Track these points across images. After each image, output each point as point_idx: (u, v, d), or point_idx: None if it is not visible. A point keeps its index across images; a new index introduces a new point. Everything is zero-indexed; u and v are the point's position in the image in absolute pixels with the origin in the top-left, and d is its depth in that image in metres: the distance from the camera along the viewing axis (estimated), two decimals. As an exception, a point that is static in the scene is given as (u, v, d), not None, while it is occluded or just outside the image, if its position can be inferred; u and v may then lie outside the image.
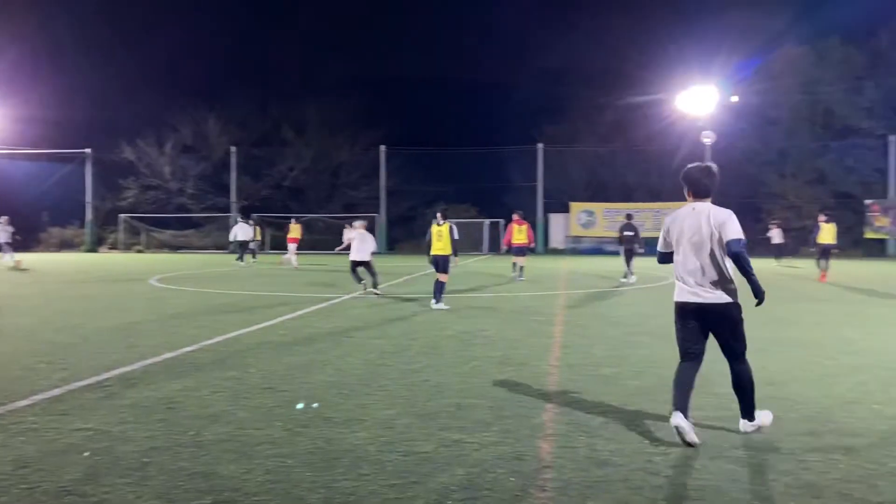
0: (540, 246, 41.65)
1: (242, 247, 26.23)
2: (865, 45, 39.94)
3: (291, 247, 25.18)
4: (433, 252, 12.09)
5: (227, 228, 44.67)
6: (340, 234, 25.97)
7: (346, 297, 13.69)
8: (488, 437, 4.56)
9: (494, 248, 42.76)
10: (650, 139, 43.13)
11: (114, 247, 43.75)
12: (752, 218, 42.00)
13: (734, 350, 4.57)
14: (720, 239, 4.43)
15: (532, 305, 12.30)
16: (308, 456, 4.18)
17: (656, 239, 4.93)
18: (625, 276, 17.40)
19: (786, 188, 39.85)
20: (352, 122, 48.16)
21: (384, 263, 29.11)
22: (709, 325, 4.56)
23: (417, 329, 9.37)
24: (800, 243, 40.02)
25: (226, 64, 62.43)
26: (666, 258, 4.78)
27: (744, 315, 4.54)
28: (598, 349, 7.82)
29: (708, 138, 37.37)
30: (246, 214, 31.30)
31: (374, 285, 13.69)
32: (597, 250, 41.78)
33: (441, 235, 12.01)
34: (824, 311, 11.55)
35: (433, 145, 45.29)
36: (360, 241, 13.72)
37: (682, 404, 4.42)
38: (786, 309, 11.82)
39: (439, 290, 11.84)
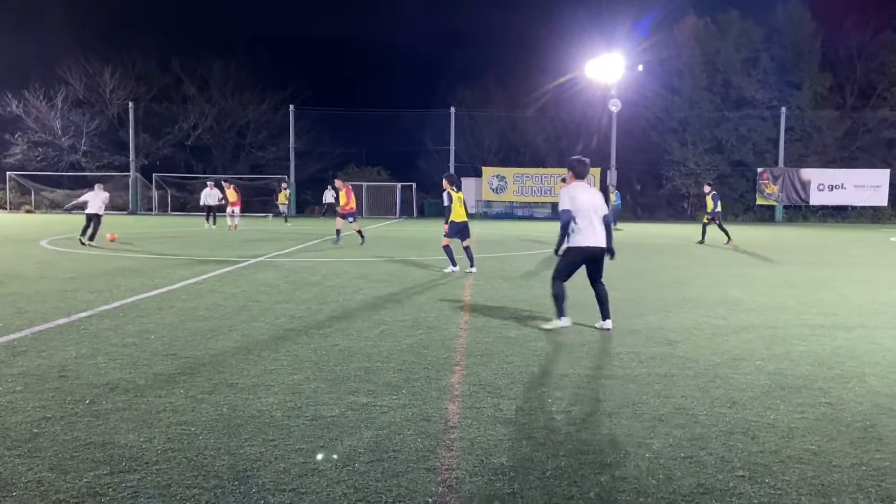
0: (451, 209, 41.86)
1: (210, 210, 25.82)
2: (762, 19, 41.83)
3: (234, 210, 24.91)
4: (460, 219, 11.63)
5: (126, 188, 42.76)
6: (254, 195, 25.89)
7: (253, 260, 13.39)
8: (396, 399, 4.60)
9: (406, 211, 42.76)
10: (560, 106, 43.93)
11: (0, 206, 41.01)
12: (654, 185, 43.74)
13: (601, 275, 6.97)
14: (602, 208, 6.90)
15: (443, 269, 12.39)
16: (212, 423, 4.10)
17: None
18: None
19: (686, 156, 41.54)
20: (259, 80, 46.64)
21: (293, 227, 28.57)
22: (594, 260, 6.87)
23: (328, 294, 9.29)
24: (696, 210, 42.08)
25: (122, 13, 58.87)
26: (571, 219, 6.76)
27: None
28: (506, 312, 7.99)
29: (615, 106, 38.43)
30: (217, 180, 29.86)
31: (90, 238, 16.53)
32: (507, 215, 42.50)
33: (462, 201, 11.72)
34: (715, 274, 12.20)
35: (344, 106, 44.53)
36: (95, 197, 16.99)
37: (564, 310, 6.95)
38: (682, 272, 12.44)
39: (452, 254, 11.77)
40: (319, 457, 3.61)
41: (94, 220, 16.81)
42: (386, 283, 10.36)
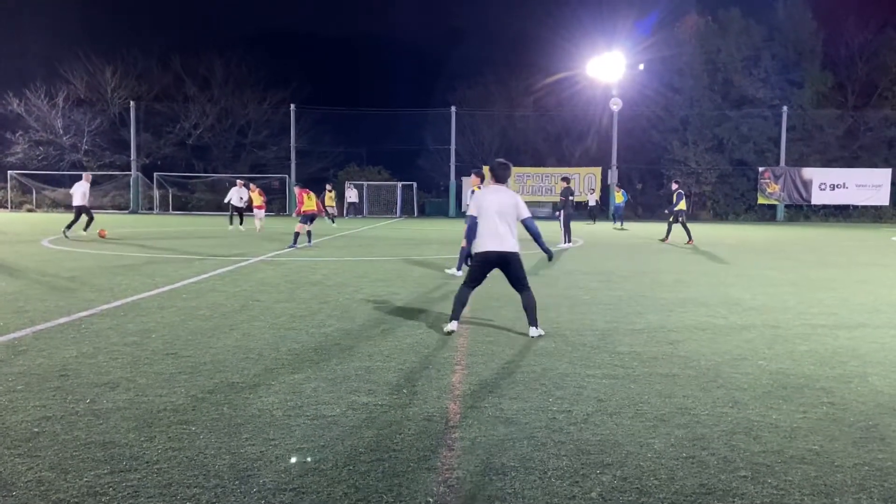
0: (452, 209, 42.00)
1: (235, 210, 25.23)
2: (764, 18, 41.71)
3: (259, 212, 24.49)
4: None
5: (127, 187, 42.76)
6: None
7: (254, 259, 13.38)
8: (397, 399, 4.59)
9: (407, 211, 42.76)
10: (561, 105, 43.89)
11: (1, 205, 41.01)
12: (655, 184, 43.67)
13: (522, 282, 6.60)
14: (516, 213, 6.57)
15: (446, 267, 12.37)
16: (213, 422, 4.09)
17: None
18: (568, 241, 17.42)
19: (687, 155, 41.47)
20: (260, 79, 46.61)
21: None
22: (504, 266, 6.53)
23: (328, 293, 9.28)
24: (699, 208, 42.06)
25: (123, 12, 58.88)
26: (476, 223, 6.57)
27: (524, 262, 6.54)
28: (507, 311, 7.98)
29: (616, 105, 38.43)
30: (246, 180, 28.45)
31: (68, 226, 17.78)
32: (508, 213, 42.41)
33: None
34: (716, 273, 12.18)
35: (345, 105, 44.53)
36: (77, 189, 18.31)
37: (458, 315, 6.72)
38: (683, 271, 12.43)
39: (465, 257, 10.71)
40: (293, 460, 3.60)
41: (78, 212, 17.93)
42: (386, 283, 10.35)
